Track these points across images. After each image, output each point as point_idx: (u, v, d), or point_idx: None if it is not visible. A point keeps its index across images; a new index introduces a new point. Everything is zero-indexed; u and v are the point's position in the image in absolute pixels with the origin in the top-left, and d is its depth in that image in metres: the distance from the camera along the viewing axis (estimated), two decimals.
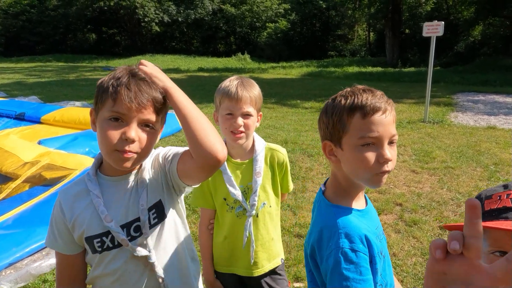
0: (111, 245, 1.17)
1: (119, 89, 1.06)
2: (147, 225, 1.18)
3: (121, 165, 1.10)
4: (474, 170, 5.11)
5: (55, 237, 1.21)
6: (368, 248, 1.06)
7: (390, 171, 1.09)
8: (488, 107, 10.04)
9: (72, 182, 1.26)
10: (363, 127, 1.06)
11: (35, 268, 2.87)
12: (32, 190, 3.98)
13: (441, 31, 7.43)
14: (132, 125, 1.07)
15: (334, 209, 1.13)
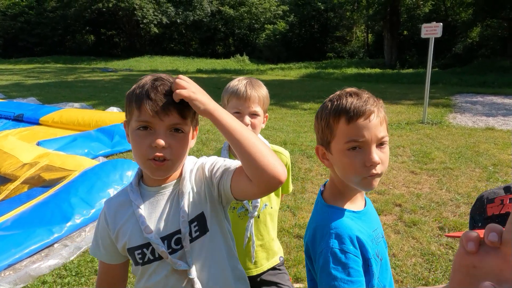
0: (151, 258, 1.15)
1: (142, 98, 1.05)
2: (188, 238, 1.14)
3: (155, 174, 1.10)
4: (473, 171, 5.11)
5: (98, 245, 1.22)
6: (360, 250, 1.05)
7: (380, 174, 1.08)
8: (487, 108, 10.06)
9: (116, 193, 1.26)
10: (349, 132, 1.06)
11: (34, 269, 2.86)
12: (31, 191, 3.97)
13: (439, 32, 7.46)
14: (160, 131, 1.05)
15: (328, 209, 1.14)
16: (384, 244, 1.21)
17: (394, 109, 9.98)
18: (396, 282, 2.80)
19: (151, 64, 28.82)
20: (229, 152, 1.72)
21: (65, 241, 3.30)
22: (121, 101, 11.54)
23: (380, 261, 1.13)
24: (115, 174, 4.04)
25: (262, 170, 0.98)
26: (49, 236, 3.24)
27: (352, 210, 1.14)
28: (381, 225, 1.25)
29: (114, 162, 4.37)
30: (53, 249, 3.19)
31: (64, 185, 3.92)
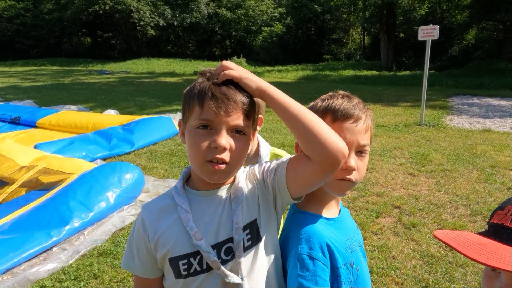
0: (199, 269, 1.02)
1: (206, 94, 0.97)
2: (242, 247, 1.02)
3: (212, 178, 1.00)
4: (470, 172, 5.13)
5: (133, 256, 1.09)
6: (329, 259, 1.02)
7: (354, 182, 1.06)
8: (483, 110, 10.11)
9: (157, 197, 1.15)
10: None
11: (33, 273, 2.84)
12: (28, 195, 3.95)
13: (436, 34, 7.49)
14: (222, 132, 0.97)
15: (299, 215, 1.11)
16: (362, 253, 1.18)
17: (391, 111, 10.01)
18: (396, 284, 2.80)
19: (148, 66, 28.79)
20: None
21: (64, 245, 3.28)
22: (118, 103, 11.52)
23: (356, 271, 1.10)
24: (113, 177, 4.03)
25: (324, 144, 0.93)
26: (48, 239, 3.22)
27: (325, 216, 1.11)
28: (358, 235, 1.23)
29: (113, 165, 4.35)
30: (51, 253, 3.17)
31: (62, 188, 3.90)
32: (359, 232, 1.27)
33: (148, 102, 11.97)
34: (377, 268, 2.98)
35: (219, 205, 1.07)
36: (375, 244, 3.33)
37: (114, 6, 31.24)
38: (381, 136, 7.17)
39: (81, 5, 32.38)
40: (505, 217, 0.78)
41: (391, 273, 2.91)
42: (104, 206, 3.73)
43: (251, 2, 35.55)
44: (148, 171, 5.24)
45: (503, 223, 0.77)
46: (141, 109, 10.44)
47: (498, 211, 0.82)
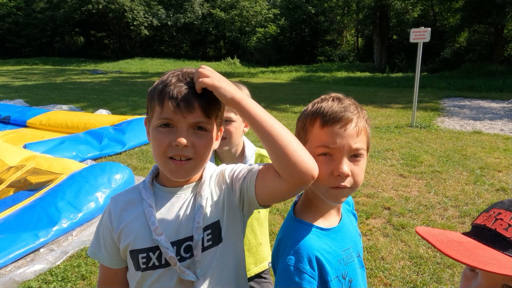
0: (157, 263, 1.04)
1: (164, 94, 0.99)
2: (200, 247, 1.04)
3: (175, 175, 1.02)
4: (460, 174, 5.18)
5: (99, 246, 1.12)
6: (319, 271, 0.99)
7: (350, 188, 1.01)
8: (474, 112, 10.21)
9: (126, 190, 1.16)
10: (321, 136, 1.01)
11: (19, 274, 2.81)
12: (17, 195, 3.91)
13: (427, 37, 7.55)
14: (182, 130, 0.98)
15: (294, 222, 1.08)
16: (359, 264, 1.14)
17: (383, 112, 10.07)
18: (385, 285, 2.81)
19: (141, 66, 28.68)
20: (215, 156, 1.69)
21: (52, 246, 3.25)
22: (110, 103, 11.45)
23: (349, 282, 1.07)
24: (103, 177, 4.00)
25: (294, 164, 0.92)
26: (35, 240, 3.18)
27: (320, 226, 1.07)
28: (358, 244, 1.18)
29: (103, 165, 4.32)
30: (38, 254, 3.13)
31: (51, 189, 3.86)
32: (360, 240, 1.21)
33: (141, 102, 11.91)
34: (366, 268, 2.99)
35: (183, 203, 1.08)
36: (365, 245, 3.34)
37: (107, 5, 31.11)
38: (372, 138, 7.19)
39: (74, 4, 32.17)
40: (489, 218, 0.78)
41: (380, 274, 2.92)
42: (93, 207, 3.70)
43: (245, 3, 35.58)
44: (139, 172, 5.21)
45: (485, 224, 0.78)
46: (134, 109, 10.39)
47: (483, 213, 0.82)
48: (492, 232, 0.75)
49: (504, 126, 8.33)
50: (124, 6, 31.42)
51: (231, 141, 1.59)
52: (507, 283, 0.72)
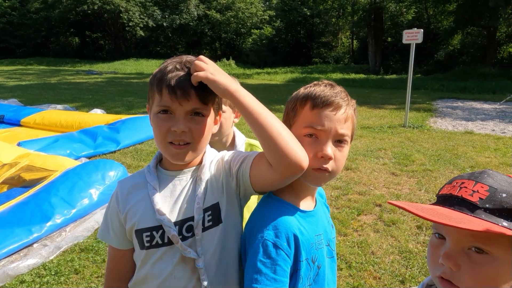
0: (160, 242, 1.10)
1: (162, 82, 1.04)
2: (200, 226, 1.09)
3: (175, 158, 1.08)
4: (451, 172, 5.25)
5: (107, 228, 1.18)
6: (294, 251, 1.01)
7: (331, 172, 1.04)
8: (466, 113, 10.32)
9: (132, 174, 1.23)
10: (310, 118, 1.04)
11: (13, 268, 2.83)
12: (10, 192, 3.92)
13: (420, 38, 7.64)
14: (180, 116, 1.04)
15: (273, 201, 1.10)
16: (328, 253, 1.17)
17: (377, 113, 10.15)
18: (374, 278, 2.86)
19: (136, 67, 28.64)
20: None
21: (45, 241, 3.27)
22: (105, 103, 11.44)
23: (317, 268, 1.09)
24: (97, 174, 4.02)
25: (284, 155, 0.96)
26: (28, 235, 3.20)
27: (299, 208, 1.10)
28: (330, 234, 1.21)
29: (96, 162, 4.34)
30: (32, 249, 3.15)
31: (44, 185, 3.88)
32: (332, 231, 1.24)
33: (136, 102, 11.92)
34: (356, 263, 3.04)
35: (184, 186, 1.13)
36: (355, 240, 3.39)
37: (102, 6, 31.03)
38: (366, 137, 7.27)
39: (69, 5, 32.05)
40: (453, 188, 0.84)
41: (370, 268, 2.97)
42: (87, 203, 3.72)
43: (241, 4, 35.65)
44: (133, 170, 5.23)
45: (451, 193, 0.83)
46: (128, 109, 10.40)
47: (446, 185, 0.87)
48: (459, 199, 0.80)
49: (496, 127, 8.44)
50: (120, 7, 31.36)
51: (221, 131, 1.64)
52: (474, 244, 0.77)
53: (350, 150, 6.02)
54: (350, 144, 1.12)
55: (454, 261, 0.78)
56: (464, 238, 0.78)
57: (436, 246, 0.84)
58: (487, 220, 0.75)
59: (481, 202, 0.78)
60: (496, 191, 0.79)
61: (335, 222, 3.70)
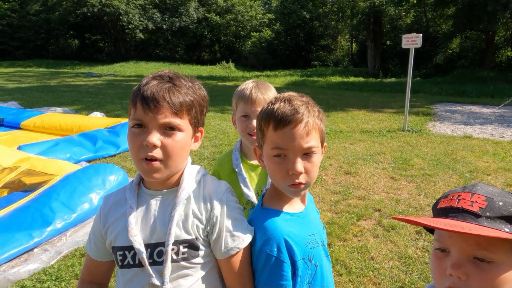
0: (131, 262, 1.09)
1: (137, 96, 1.03)
2: (169, 255, 1.05)
3: (148, 175, 1.05)
4: (450, 177, 5.27)
5: (90, 240, 1.21)
6: (288, 252, 1.05)
7: (305, 183, 1.08)
8: (465, 117, 10.36)
9: (117, 189, 1.22)
10: (275, 139, 1.06)
11: (13, 274, 2.83)
12: (10, 196, 3.92)
13: (419, 43, 7.68)
14: (153, 130, 1.01)
15: (261, 211, 1.15)
16: (324, 252, 1.21)
17: (376, 117, 10.18)
18: (374, 284, 2.87)
19: (136, 69, 28.65)
20: (240, 153, 1.71)
21: (45, 246, 3.27)
22: (105, 106, 11.45)
23: (314, 266, 1.13)
24: (97, 178, 4.03)
25: None
26: (29, 240, 3.20)
27: (288, 212, 1.14)
28: (323, 234, 1.26)
29: (97, 166, 4.35)
30: (32, 254, 3.16)
31: (45, 190, 3.88)
32: (324, 232, 1.30)
33: None
34: (356, 268, 3.05)
35: (161, 207, 1.11)
36: (355, 246, 3.40)
37: (102, 8, 31.06)
38: (365, 141, 7.29)
39: (69, 7, 32.07)
40: (451, 201, 0.88)
41: (369, 274, 2.98)
42: (87, 208, 3.73)
43: (241, 7, 35.75)
44: (133, 174, 5.24)
45: (451, 205, 0.87)
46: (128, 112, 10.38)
47: (443, 199, 0.91)
48: (460, 210, 0.85)
49: (494, 131, 8.47)
50: (119, 9, 31.40)
51: None
52: (478, 253, 0.81)
53: (349, 154, 5.99)
54: (323, 148, 1.16)
55: (462, 270, 0.81)
56: (469, 247, 0.81)
57: (441, 258, 0.87)
58: (491, 227, 0.80)
59: (481, 211, 0.82)
60: (493, 200, 0.84)
61: (334, 227, 3.72)
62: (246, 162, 1.69)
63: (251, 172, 1.69)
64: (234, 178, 1.65)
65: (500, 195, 0.85)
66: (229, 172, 1.66)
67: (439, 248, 0.87)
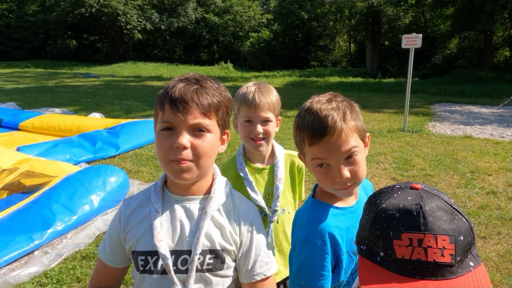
0: (153, 268, 1.06)
1: (165, 98, 1.02)
2: (195, 263, 1.04)
3: (178, 176, 1.02)
4: (451, 177, 5.25)
5: (105, 245, 1.16)
6: (332, 245, 1.08)
7: (355, 183, 1.09)
8: (464, 117, 10.36)
9: (140, 192, 1.19)
10: (313, 151, 1.08)
11: (14, 277, 2.80)
12: (10, 198, 3.89)
13: (419, 43, 7.67)
14: (182, 132, 0.99)
15: (312, 203, 1.19)
16: None
17: (376, 117, 10.17)
18: None
19: (134, 70, 28.59)
20: (244, 157, 1.69)
21: (46, 248, 3.24)
22: (104, 106, 11.41)
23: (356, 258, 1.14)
24: (98, 180, 4.00)
25: None
26: (29, 243, 3.17)
27: (338, 206, 1.16)
28: None
29: (97, 168, 4.32)
30: (33, 257, 3.12)
31: (45, 191, 3.85)
32: None
33: (134, 105, 11.89)
34: None
35: (189, 214, 1.09)
36: None
37: (100, 9, 30.99)
38: None
39: (67, 8, 31.98)
40: (414, 250, 0.76)
41: None
42: (88, 210, 3.70)
43: (239, 8, 35.74)
44: (133, 175, 5.21)
45: (419, 259, 0.75)
46: (127, 113, 10.37)
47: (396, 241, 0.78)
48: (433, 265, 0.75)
49: (494, 131, 8.47)
50: (118, 10, 31.34)
51: (269, 141, 1.63)
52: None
53: None
54: (368, 138, 1.17)
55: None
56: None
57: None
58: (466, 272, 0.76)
59: (454, 259, 0.75)
60: (456, 238, 0.76)
61: None
62: (251, 166, 1.67)
63: (257, 175, 1.66)
64: (240, 183, 1.62)
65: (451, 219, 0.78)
66: (234, 178, 1.63)
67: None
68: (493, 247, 3.41)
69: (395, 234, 0.78)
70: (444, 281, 0.75)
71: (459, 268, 0.76)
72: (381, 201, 0.86)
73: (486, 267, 3.10)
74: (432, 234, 0.76)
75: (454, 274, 0.75)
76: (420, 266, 0.75)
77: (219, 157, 5.98)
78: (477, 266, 0.78)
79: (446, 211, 0.80)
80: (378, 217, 0.82)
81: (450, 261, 0.75)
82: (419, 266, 0.75)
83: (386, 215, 0.81)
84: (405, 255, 0.76)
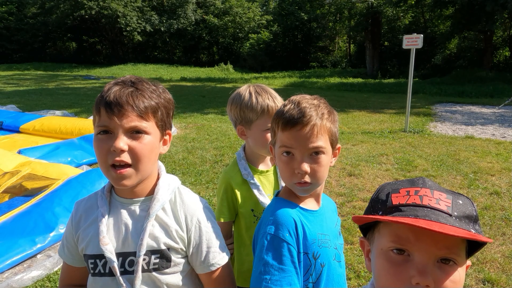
0: (102, 271, 1.08)
1: (100, 102, 1.02)
2: (140, 265, 1.06)
3: (118, 183, 1.03)
4: (454, 178, 5.24)
5: (63, 246, 1.20)
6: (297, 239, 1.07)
7: (311, 183, 1.10)
8: (465, 117, 10.35)
9: (88, 195, 1.20)
10: (283, 138, 1.11)
11: (16, 281, 2.78)
12: (12, 201, 3.87)
13: (420, 43, 7.67)
14: (119, 135, 0.99)
15: (276, 201, 1.19)
16: (337, 257, 1.20)
17: (377, 118, 10.16)
18: None
19: (134, 71, 28.59)
20: (246, 161, 1.65)
21: (49, 252, 3.22)
22: None
23: (320, 266, 1.13)
24: (100, 182, 3.98)
25: None
26: (32, 246, 3.16)
27: (301, 206, 1.16)
28: (336, 239, 1.24)
29: (99, 170, 4.29)
30: (36, 260, 3.11)
31: (47, 194, 3.83)
32: (340, 238, 1.28)
33: None
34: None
35: (133, 217, 1.11)
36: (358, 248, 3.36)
37: (100, 11, 31.00)
38: (367, 143, 7.27)
39: (67, 10, 31.98)
40: (410, 197, 0.79)
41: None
42: None
43: (239, 9, 35.77)
44: None
45: (414, 202, 0.78)
46: None
47: (394, 194, 0.82)
48: (427, 208, 0.76)
49: (495, 131, 8.47)
50: (117, 12, 31.35)
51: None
52: (445, 255, 0.74)
53: (351, 156, 5.95)
54: (337, 150, 1.19)
55: (430, 276, 0.72)
56: (438, 252, 0.74)
57: (401, 263, 0.76)
58: (463, 228, 0.74)
59: (450, 210, 0.76)
60: (453, 198, 0.79)
61: (341, 230, 3.67)
62: (255, 169, 1.65)
63: (262, 178, 1.64)
64: (247, 188, 1.59)
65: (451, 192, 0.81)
66: (240, 183, 1.60)
67: (396, 248, 0.77)
68: (498, 248, 3.39)
69: (394, 190, 0.83)
70: (438, 224, 0.72)
71: (458, 223, 0.74)
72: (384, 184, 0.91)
73: (491, 269, 3.09)
74: (429, 189, 0.80)
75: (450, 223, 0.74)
76: (413, 209, 0.77)
77: (220, 153, 5.98)
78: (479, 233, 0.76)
79: (447, 190, 0.82)
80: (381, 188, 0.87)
81: (446, 210, 0.76)
82: (413, 208, 0.77)
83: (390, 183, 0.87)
84: (401, 201, 0.80)
